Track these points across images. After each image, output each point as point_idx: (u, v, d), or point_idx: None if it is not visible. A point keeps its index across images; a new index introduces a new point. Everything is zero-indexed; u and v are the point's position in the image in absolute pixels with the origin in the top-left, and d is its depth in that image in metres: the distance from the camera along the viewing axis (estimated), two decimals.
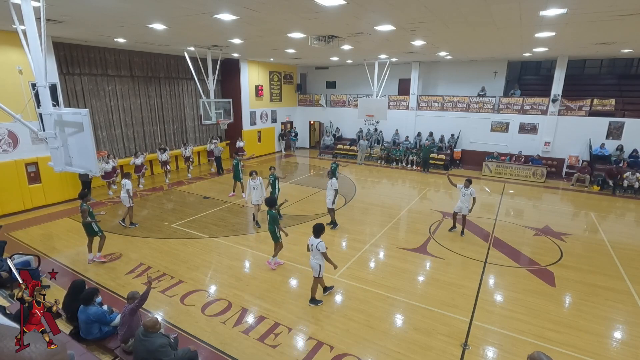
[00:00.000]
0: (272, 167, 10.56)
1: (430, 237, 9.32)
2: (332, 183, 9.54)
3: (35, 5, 4.77)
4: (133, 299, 4.78)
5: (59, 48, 11.75)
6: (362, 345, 5.36)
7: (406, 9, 6.83)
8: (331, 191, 9.53)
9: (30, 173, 10.91)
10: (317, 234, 6.04)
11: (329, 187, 9.56)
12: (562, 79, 15.48)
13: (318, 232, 6.05)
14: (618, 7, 6.59)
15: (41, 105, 5.01)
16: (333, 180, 9.59)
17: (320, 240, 6.04)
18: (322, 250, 5.97)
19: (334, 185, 9.54)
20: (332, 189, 9.52)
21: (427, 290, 6.95)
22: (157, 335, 4.25)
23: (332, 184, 9.55)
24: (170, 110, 16.44)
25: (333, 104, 22.02)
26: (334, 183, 9.54)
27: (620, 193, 13.76)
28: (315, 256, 6.09)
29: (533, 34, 9.61)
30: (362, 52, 13.92)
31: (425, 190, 14.03)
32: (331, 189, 9.53)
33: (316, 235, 6.04)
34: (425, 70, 19.33)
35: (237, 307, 6.24)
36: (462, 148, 18.23)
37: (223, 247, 8.64)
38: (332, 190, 9.51)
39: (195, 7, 6.84)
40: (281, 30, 9.25)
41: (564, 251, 8.65)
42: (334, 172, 13.43)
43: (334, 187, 9.52)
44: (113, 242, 8.80)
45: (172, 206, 11.54)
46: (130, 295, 4.84)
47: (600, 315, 6.21)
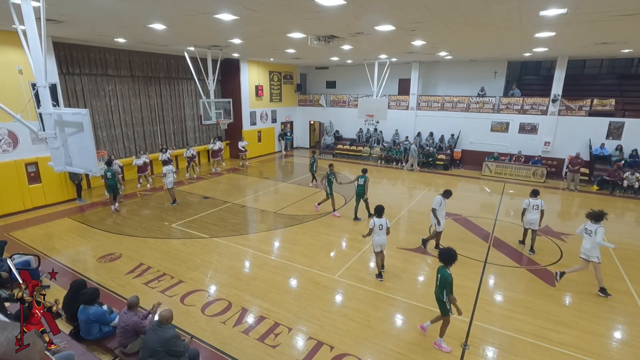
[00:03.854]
0: (331, 165, 11.32)
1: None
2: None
3: (35, 5, 4.77)
4: (133, 305, 4.76)
5: (59, 48, 11.76)
6: (362, 345, 5.36)
7: (406, 9, 6.83)
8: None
9: (30, 173, 10.91)
10: (380, 214, 7.09)
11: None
12: (562, 79, 15.48)
13: (380, 212, 7.10)
14: (618, 7, 6.59)
15: (41, 105, 5.01)
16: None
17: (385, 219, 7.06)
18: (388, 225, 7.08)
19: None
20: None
21: (427, 290, 6.94)
22: (170, 327, 4.38)
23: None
24: (170, 110, 16.44)
25: (333, 104, 22.02)
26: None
27: (620, 193, 13.76)
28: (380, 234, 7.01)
29: (533, 34, 9.61)
30: (362, 52, 13.92)
31: (425, 190, 14.03)
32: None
33: (378, 215, 7.08)
34: (425, 70, 19.33)
35: (237, 307, 6.24)
36: (462, 148, 18.23)
37: (223, 247, 8.64)
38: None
39: (195, 7, 6.84)
40: (281, 30, 9.25)
41: (564, 251, 8.64)
42: (312, 165, 13.53)
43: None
44: (113, 242, 8.81)
45: (172, 206, 11.53)
46: (131, 302, 4.77)
47: (601, 315, 6.20)
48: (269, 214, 11.04)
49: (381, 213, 7.12)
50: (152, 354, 4.21)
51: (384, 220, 7.07)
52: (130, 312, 4.72)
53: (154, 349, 4.20)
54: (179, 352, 4.32)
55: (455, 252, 5.11)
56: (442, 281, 5.06)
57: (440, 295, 5.13)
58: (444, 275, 5.04)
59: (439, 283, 5.14)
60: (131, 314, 4.70)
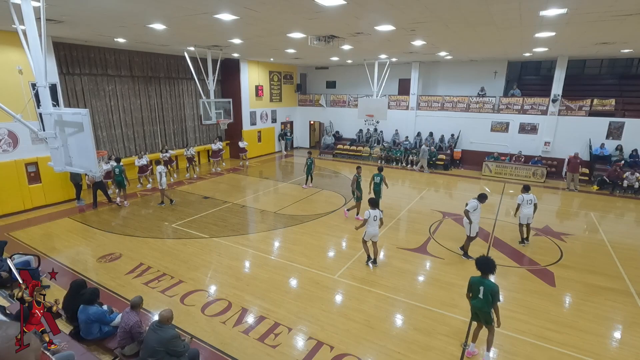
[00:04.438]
0: (359, 167, 11.14)
1: (430, 237, 9.32)
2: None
3: (35, 5, 4.77)
4: (136, 305, 4.74)
5: (59, 48, 11.76)
6: (362, 345, 5.36)
7: (406, 9, 6.83)
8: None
9: (30, 173, 10.91)
10: (374, 205, 7.49)
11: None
12: (562, 79, 15.48)
13: (374, 204, 7.51)
14: (618, 7, 6.59)
15: (41, 105, 5.01)
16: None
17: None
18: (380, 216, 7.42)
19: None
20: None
21: (427, 290, 6.95)
22: (170, 327, 4.39)
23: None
24: (170, 110, 16.44)
25: (333, 104, 22.03)
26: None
27: (620, 193, 13.76)
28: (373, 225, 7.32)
29: (533, 34, 9.61)
30: (362, 52, 13.92)
31: (425, 190, 14.03)
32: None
33: (372, 207, 7.44)
34: (425, 70, 19.33)
35: (237, 307, 6.24)
36: (462, 148, 18.23)
37: (223, 247, 8.64)
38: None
39: (195, 7, 6.85)
40: (281, 30, 9.25)
41: (564, 251, 8.65)
42: (309, 167, 13.26)
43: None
44: (113, 242, 8.81)
45: (172, 206, 11.53)
46: (134, 302, 4.75)
47: (601, 315, 6.20)
48: (269, 214, 11.04)
49: (376, 205, 7.54)
50: (152, 354, 4.21)
51: (378, 211, 7.43)
52: (133, 313, 4.71)
53: (154, 349, 4.21)
54: (179, 352, 4.33)
55: (493, 262, 4.89)
56: (488, 292, 4.76)
57: (486, 307, 4.81)
58: (489, 286, 4.77)
59: (483, 295, 4.79)
60: (133, 314, 4.69)
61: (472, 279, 4.96)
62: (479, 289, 4.85)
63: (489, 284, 4.82)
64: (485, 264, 4.88)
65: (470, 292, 5.00)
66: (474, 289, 4.91)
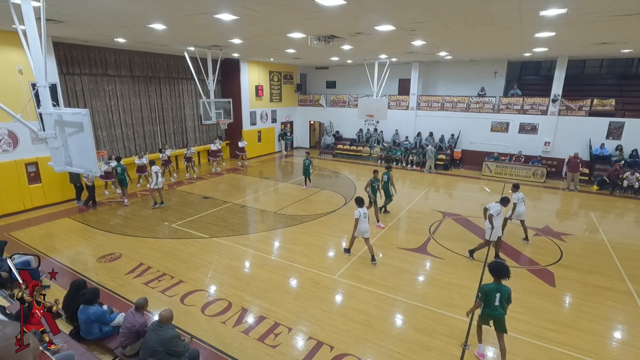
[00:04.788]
0: (375, 171, 10.34)
1: (430, 237, 9.32)
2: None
3: (35, 5, 4.77)
4: (141, 307, 4.73)
5: (59, 48, 11.75)
6: (362, 345, 5.36)
7: (406, 9, 6.83)
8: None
9: (30, 173, 10.91)
10: (361, 204, 7.73)
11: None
12: (562, 79, 15.48)
13: (361, 203, 7.75)
14: (618, 7, 6.59)
15: (41, 105, 5.01)
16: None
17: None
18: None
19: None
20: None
21: (427, 290, 6.95)
22: (170, 327, 4.39)
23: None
24: (170, 110, 16.44)
25: (333, 104, 22.02)
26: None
27: (620, 193, 13.76)
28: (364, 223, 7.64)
29: (533, 34, 9.61)
30: (362, 52, 13.92)
31: (425, 190, 14.03)
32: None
33: (360, 205, 7.71)
34: (425, 70, 19.33)
35: (237, 307, 6.24)
36: (462, 148, 18.23)
37: (223, 247, 8.64)
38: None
39: (195, 7, 6.85)
40: (281, 31, 9.25)
41: (564, 251, 8.65)
42: (307, 168, 13.37)
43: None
44: (113, 242, 8.81)
45: (172, 206, 11.53)
46: (139, 303, 4.73)
47: (601, 315, 6.20)
48: (269, 214, 11.04)
49: (362, 203, 7.79)
50: (152, 353, 4.21)
51: (364, 209, 7.75)
52: (138, 314, 4.70)
53: (154, 349, 4.21)
54: (179, 352, 4.33)
55: (507, 266, 4.79)
56: (505, 297, 4.68)
57: (503, 312, 4.71)
58: (506, 291, 4.69)
59: (499, 302, 4.65)
60: (138, 315, 4.69)
61: (488, 286, 4.72)
62: (495, 297, 4.65)
63: (506, 288, 4.70)
64: (500, 268, 4.72)
65: (481, 301, 4.77)
66: (490, 297, 4.67)
